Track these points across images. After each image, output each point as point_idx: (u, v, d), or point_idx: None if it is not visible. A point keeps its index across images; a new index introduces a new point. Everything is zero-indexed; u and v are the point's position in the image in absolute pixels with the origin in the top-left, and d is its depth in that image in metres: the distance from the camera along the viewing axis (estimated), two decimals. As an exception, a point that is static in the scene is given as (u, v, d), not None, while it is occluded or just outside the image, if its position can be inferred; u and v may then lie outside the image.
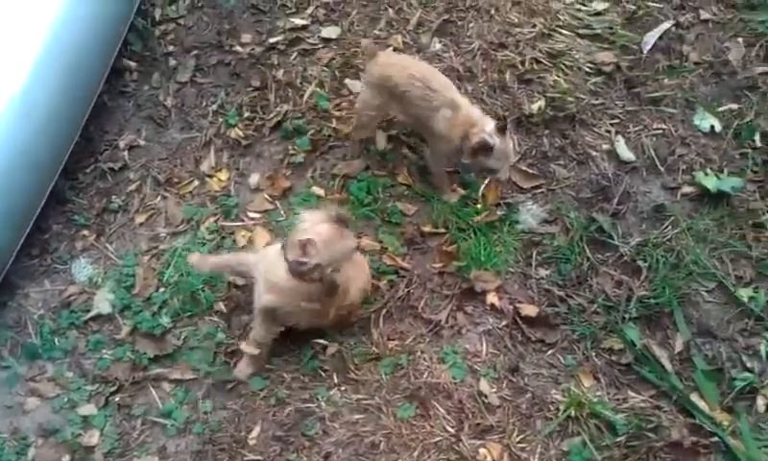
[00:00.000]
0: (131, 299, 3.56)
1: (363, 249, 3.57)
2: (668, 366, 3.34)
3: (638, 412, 3.22)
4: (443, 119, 3.55)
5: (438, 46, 4.29)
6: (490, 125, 3.46)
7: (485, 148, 3.42)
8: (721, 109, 4.01)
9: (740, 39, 4.20)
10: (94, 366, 3.40)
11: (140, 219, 3.84)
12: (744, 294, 3.49)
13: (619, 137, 3.95)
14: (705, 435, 3.15)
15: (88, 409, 3.29)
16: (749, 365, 3.32)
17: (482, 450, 3.15)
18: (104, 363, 3.40)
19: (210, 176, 3.99)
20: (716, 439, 3.13)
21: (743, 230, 3.65)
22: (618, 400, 3.27)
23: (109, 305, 3.54)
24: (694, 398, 3.25)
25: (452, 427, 3.21)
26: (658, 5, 4.35)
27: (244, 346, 3.30)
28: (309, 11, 4.46)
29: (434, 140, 3.68)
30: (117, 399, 3.33)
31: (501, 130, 3.43)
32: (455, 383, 3.31)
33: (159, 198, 3.91)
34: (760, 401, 3.24)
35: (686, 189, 3.81)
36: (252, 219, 3.83)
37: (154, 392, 3.35)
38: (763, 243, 3.61)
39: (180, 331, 3.49)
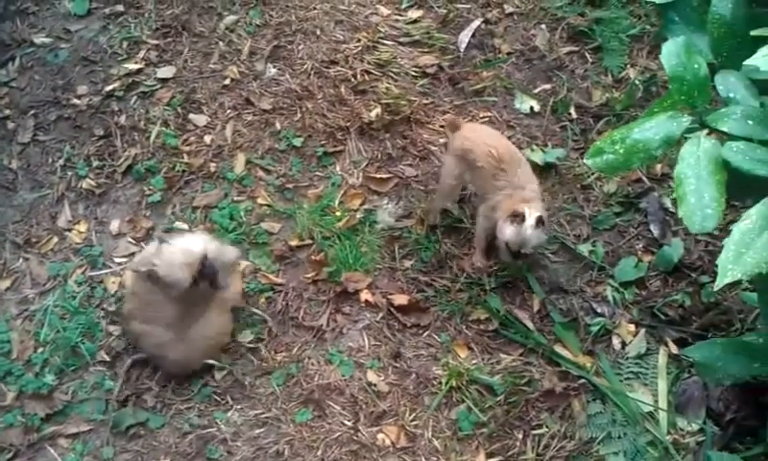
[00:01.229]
0: (10, 364, 3.51)
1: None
2: (530, 325, 3.70)
3: (512, 371, 3.55)
4: (504, 198, 3.62)
5: (273, 71, 4.49)
6: (533, 216, 3.49)
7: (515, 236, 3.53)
8: (537, 90, 4.46)
9: (544, 26, 4.66)
10: (-15, 438, 3.35)
11: (5, 284, 3.78)
12: (584, 249, 3.92)
13: (453, 130, 4.30)
14: (573, 379, 3.52)
15: (-13, 481, 3.24)
16: (599, 311, 3.73)
17: (380, 435, 3.38)
18: (-5, 432, 3.35)
19: (69, 230, 3.98)
20: (583, 381, 3.51)
21: (573, 194, 4.09)
22: (492, 363, 3.59)
23: (-10, 375, 3.49)
24: (558, 349, 3.62)
25: (349, 421, 3.42)
26: (466, 6, 4.74)
27: None
28: (141, 54, 4.53)
29: (488, 211, 3.73)
30: (16, 464, 3.30)
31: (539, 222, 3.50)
32: (345, 380, 3.52)
33: (21, 260, 3.87)
34: (615, 341, 3.66)
35: (519, 166, 4.20)
36: (120, 264, 3.87)
37: (52, 450, 3.33)
38: (592, 202, 4.06)
39: (67, 387, 3.49)
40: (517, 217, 3.47)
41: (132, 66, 4.49)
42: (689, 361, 3.52)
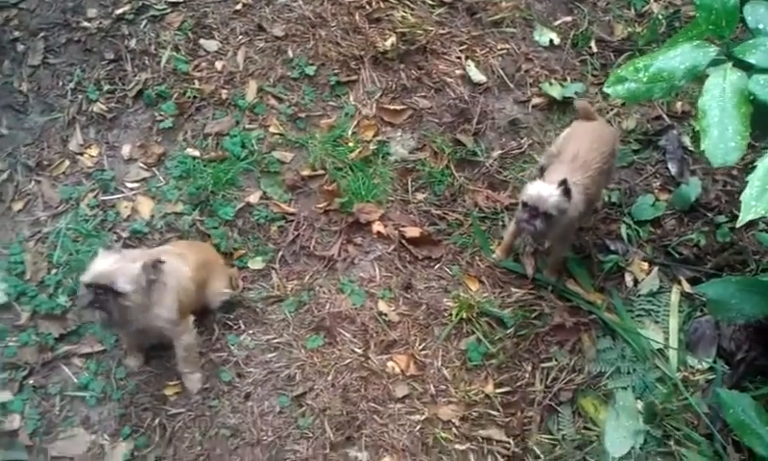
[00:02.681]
0: (24, 285, 3.52)
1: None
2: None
3: (522, 304, 3.55)
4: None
5: (286, -5, 4.41)
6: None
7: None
8: (557, 22, 4.38)
9: (565, -44, 4.55)
10: (1, 355, 3.36)
11: (17, 206, 3.77)
12: (599, 186, 3.87)
13: (469, 62, 4.23)
14: (583, 315, 3.52)
15: (4, 396, 3.26)
16: (613, 248, 3.71)
17: (390, 363, 3.40)
18: (10, 351, 3.36)
19: (81, 153, 3.95)
20: (593, 316, 3.51)
21: (590, 130, 4.03)
22: (503, 297, 3.59)
23: (4, 295, 3.48)
24: (569, 284, 3.61)
25: (359, 348, 3.43)
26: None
27: None
28: (151, -24, 4.45)
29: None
30: (31, 381, 3.32)
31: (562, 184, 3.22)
32: (356, 309, 3.53)
33: (33, 183, 3.84)
34: (627, 278, 3.64)
35: (536, 100, 4.15)
36: (132, 189, 3.85)
37: (66, 369, 3.36)
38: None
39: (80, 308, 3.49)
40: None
41: (143, -12, 4.41)
42: (702, 300, 3.51)
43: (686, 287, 3.58)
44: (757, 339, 3.37)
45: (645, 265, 3.66)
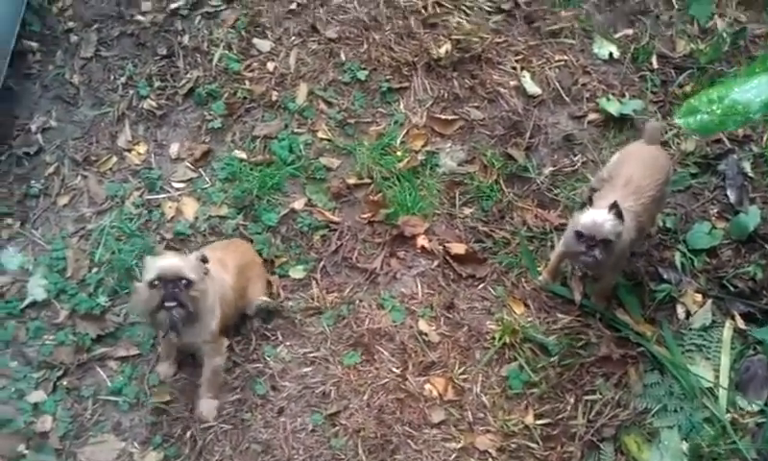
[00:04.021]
0: (64, 282, 3.53)
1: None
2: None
3: (568, 332, 3.45)
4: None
5: (341, -4, 4.33)
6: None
7: None
8: (617, 35, 4.22)
9: (630, -35, 4.38)
10: (38, 353, 3.38)
11: (63, 201, 3.78)
12: (655, 210, 3.73)
13: (525, 73, 4.11)
14: (631, 347, 3.40)
15: (37, 396, 3.28)
16: (665, 277, 3.58)
17: (427, 386, 3.33)
18: (47, 349, 3.38)
19: (129, 150, 3.95)
20: (642, 349, 3.38)
21: (648, 151, 3.88)
22: (548, 322, 3.49)
23: (44, 291, 3.50)
24: (618, 313, 3.49)
25: (397, 368, 3.37)
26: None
27: None
28: (208, -28, 4.41)
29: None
30: (65, 382, 3.33)
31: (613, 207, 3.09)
32: (395, 326, 3.46)
33: (80, 178, 3.86)
34: (680, 310, 3.51)
35: (592, 116, 4.02)
36: (178, 189, 3.83)
37: (101, 371, 3.36)
38: (666, 160, 3.85)
39: (119, 309, 3.50)
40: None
41: (199, -16, 4.38)
42: (756, 338, 3.36)
43: (740, 323, 3.44)
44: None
45: (699, 297, 3.52)
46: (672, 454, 3.14)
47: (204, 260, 3.02)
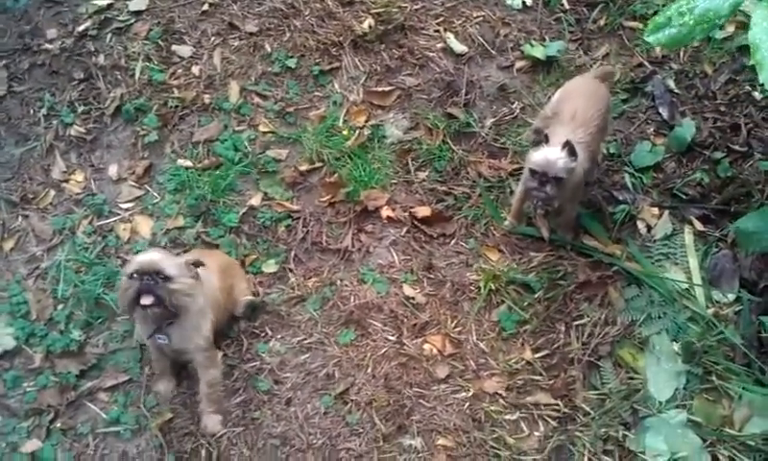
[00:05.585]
0: (31, 325, 3.35)
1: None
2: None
3: (545, 267, 3.55)
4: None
5: (257, -12, 4.29)
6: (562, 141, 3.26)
7: None
8: (526, -16, 4.37)
9: None
10: (21, 402, 3.20)
11: (9, 245, 3.59)
12: (596, 139, 3.89)
13: (448, 34, 4.20)
14: (605, 268, 3.54)
15: (32, 445, 3.10)
16: (621, 198, 3.74)
17: (426, 346, 3.36)
18: (30, 396, 3.20)
19: (66, 181, 3.79)
20: (616, 268, 3.52)
21: (578, 86, 4.04)
22: (524, 263, 3.58)
23: (12, 339, 3.31)
24: (586, 240, 3.62)
25: (393, 336, 3.38)
26: None
27: None
28: (108, -12, 4.27)
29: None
30: (59, 424, 3.17)
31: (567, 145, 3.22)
32: (381, 297, 3.47)
33: (20, 218, 3.67)
34: (640, 225, 3.67)
35: (520, 64, 4.15)
36: (127, 209, 3.71)
37: (92, 406, 3.21)
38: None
39: (96, 339, 3.36)
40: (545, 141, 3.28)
41: (102, 2, 4.24)
42: (715, 236, 3.57)
43: (698, 226, 3.63)
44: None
45: (655, 210, 3.70)
46: (666, 356, 3.29)
47: (197, 265, 2.95)
